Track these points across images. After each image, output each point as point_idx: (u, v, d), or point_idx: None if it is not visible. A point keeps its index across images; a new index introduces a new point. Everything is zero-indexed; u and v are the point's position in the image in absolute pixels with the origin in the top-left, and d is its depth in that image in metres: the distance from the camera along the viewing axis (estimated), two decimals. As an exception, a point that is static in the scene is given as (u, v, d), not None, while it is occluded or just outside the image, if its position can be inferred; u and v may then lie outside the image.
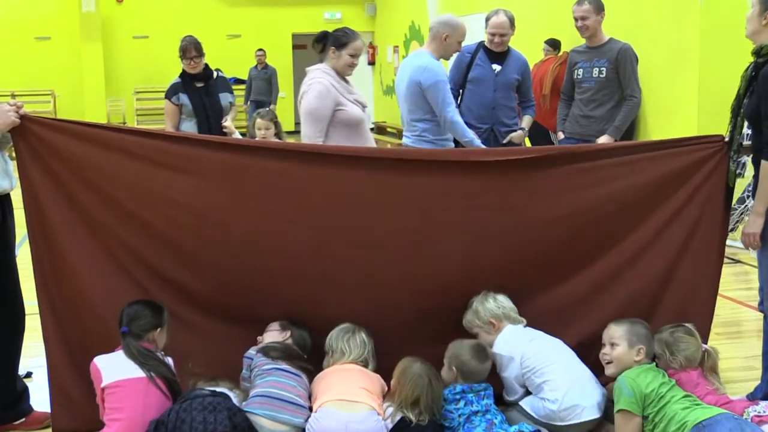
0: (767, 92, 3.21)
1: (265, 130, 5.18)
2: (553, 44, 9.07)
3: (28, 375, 3.78)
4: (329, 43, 4.20)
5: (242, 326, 3.45)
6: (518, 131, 5.53)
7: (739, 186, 4.76)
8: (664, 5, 7.37)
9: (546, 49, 9.10)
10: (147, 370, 2.99)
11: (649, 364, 3.22)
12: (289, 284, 3.41)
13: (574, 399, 3.19)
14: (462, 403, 3.16)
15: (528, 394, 3.35)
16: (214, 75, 6.02)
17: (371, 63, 17.92)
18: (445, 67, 5.08)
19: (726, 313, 4.89)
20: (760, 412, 3.03)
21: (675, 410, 2.96)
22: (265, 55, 12.91)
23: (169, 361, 3.13)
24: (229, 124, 5.83)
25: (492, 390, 3.25)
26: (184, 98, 5.84)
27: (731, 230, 5.15)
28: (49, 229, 3.21)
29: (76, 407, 3.25)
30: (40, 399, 3.45)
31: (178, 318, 3.31)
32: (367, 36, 17.50)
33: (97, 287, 3.27)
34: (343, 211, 3.38)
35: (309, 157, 3.37)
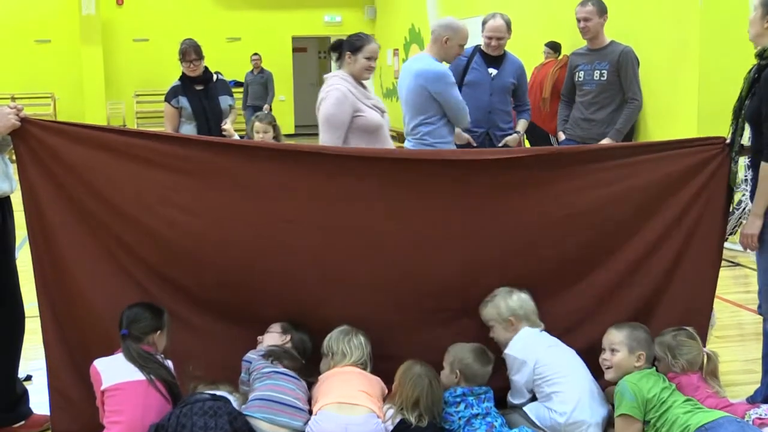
0: (769, 94, 3.21)
1: (263, 133, 5.18)
2: (554, 47, 9.00)
3: (28, 378, 3.77)
4: (345, 49, 4.19)
5: (242, 326, 3.45)
6: (513, 135, 5.53)
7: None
8: (664, 6, 7.37)
9: (546, 52, 9.02)
10: (147, 373, 2.99)
11: (649, 368, 3.21)
12: (289, 284, 3.41)
13: (582, 415, 3.17)
14: (462, 406, 3.15)
15: (533, 399, 3.34)
16: (214, 78, 6.01)
17: (371, 65, 17.90)
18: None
19: (726, 316, 4.89)
20: (761, 415, 3.03)
21: (677, 414, 2.96)
22: (261, 60, 12.86)
23: (169, 363, 3.13)
24: (229, 127, 5.81)
25: (492, 393, 3.24)
26: (184, 101, 5.83)
27: (731, 234, 5.14)
28: (49, 231, 3.21)
29: (76, 410, 3.25)
30: (39, 402, 3.44)
31: (177, 318, 3.31)
32: (367, 39, 17.47)
33: (97, 289, 3.27)
34: (343, 211, 3.37)
35: (308, 158, 3.37)
